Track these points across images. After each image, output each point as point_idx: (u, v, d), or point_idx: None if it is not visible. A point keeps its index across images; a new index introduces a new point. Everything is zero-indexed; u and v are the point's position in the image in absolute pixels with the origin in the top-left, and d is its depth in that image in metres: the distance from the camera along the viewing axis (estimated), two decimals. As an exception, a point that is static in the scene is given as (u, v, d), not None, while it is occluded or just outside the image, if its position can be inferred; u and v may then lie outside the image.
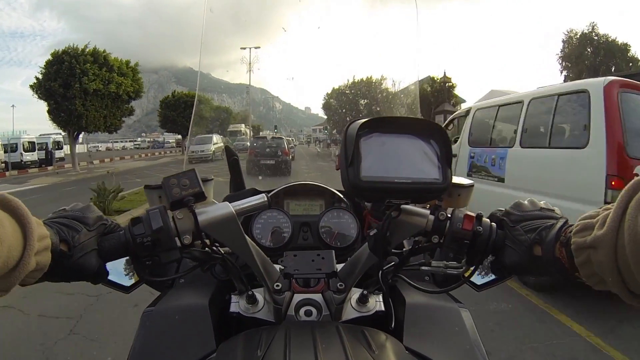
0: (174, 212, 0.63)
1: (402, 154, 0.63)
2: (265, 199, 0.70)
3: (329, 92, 26.88)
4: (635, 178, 0.42)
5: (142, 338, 0.70)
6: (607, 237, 0.42)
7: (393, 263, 0.72)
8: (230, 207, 0.66)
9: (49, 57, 18.13)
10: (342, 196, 1.14)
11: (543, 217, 0.60)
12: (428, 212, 0.65)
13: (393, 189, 0.60)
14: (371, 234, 0.69)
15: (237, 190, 1.14)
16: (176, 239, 0.62)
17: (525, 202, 0.64)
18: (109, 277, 0.71)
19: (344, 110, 20.90)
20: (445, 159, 0.63)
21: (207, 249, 0.68)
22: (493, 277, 0.80)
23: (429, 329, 0.71)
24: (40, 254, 0.49)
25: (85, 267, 0.58)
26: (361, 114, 18.29)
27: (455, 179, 0.73)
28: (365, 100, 18.24)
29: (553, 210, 0.62)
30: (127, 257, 0.65)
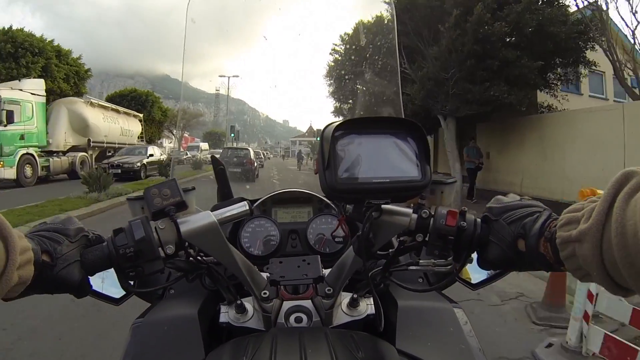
0: (156, 222, 0.63)
1: (380, 153, 0.62)
2: (247, 207, 0.69)
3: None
4: (622, 171, 0.42)
5: (132, 350, 0.69)
6: (593, 231, 0.42)
7: (381, 265, 0.72)
8: (212, 216, 0.66)
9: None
10: (329, 202, 1.13)
11: (524, 206, 0.59)
12: (410, 211, 0.64)
13: (372, 189, 0.60)
14: (335, 240, 0.79)
15: (225, 199, 1.10)
16: (159, 249, 0.62)
17: (505, 196, 0.64)
18: (98, 289, 0.73)
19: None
20: (424, 156, 0.63)
21: (191, 258, 0.68)
22: (487, 275, 0.80)
23: (422, 330, 0.70)
24: (23, 267, 0.49)
25: (69, 279, 0.57)
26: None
27: (437, 176, 0.75)
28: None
29: (536, 201, 0.61)
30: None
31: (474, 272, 0.82)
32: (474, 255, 0.64)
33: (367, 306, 0.79)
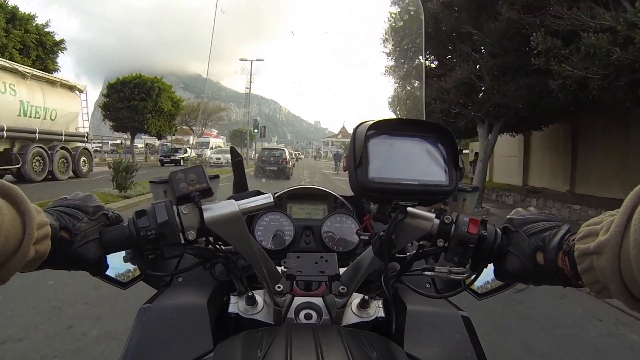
0: (180, 207, 0.63)
1: (410, 155, 0.63)
2: (272, 199, 0.69)
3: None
4: None
5: (138, 335, 0.68)
6: (611, 243, 0.42)
7: (396, 268, 0.73)
8: (236, 205, 0.66)
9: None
10: (345, 201, 1.14)
11: (545, 220, 0.60)
12: (433, 215, 0.65)
13: (400, 191, 0.60)
14: (361, 237, 0.72)
15: (241, 191, 1.09)
16: (180, 234, 0.62)
17: (525, 209, 0.65)
18: (106, 272, 0.73)
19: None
20: (452, 162, 0.63)
21: (210, 246, 0.68)
22: (494, 286, 0.82)
23: (430, 335, 0.71)
24: (40, 242, 0.49)
25: (86, 256, 0.58)
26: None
27: (461, 184, 0.73)
28: None
29: (554, 215, 0.62)
30: (125, 253, 0.64)
31: (480, 282, 0.82)
32: (491, 266, 0.64)
33: (376, 308, 0.77)
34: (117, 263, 0.71)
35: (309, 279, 0.75)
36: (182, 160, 18.57)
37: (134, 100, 26.17)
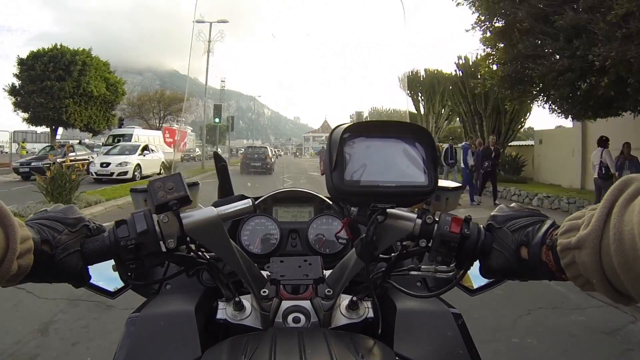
0: (159, 216, 0.63)
1: (387, 157, 0.62)
2: (251, 203, 0.68)
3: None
4: (621, 178, 0.43)
5: (127, 344, 0.68)
6: (591, 237, 0.42)
7: (382, 268, 0.73)
8: (215, 212, 0.66)
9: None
10: (331, 203, 1.14)
11: (528, 215, 0.60)
12: (415, 216, 0.65)
13: (377, 193, 0.60)
14: (339, 241, 0.84)
15: (226, 196, 1.11)
16: (161, 243, 0.62)
17: (509, 205, 0.65)
18: (95, 282, 0.76)
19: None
20: (431, 162, 0.63)
21: (192, 253, 0.68)
22: (486, 281, 0.81)
23: (420, 334, 0.70)
24: (23, 256, 0.49)
25: (67, 268, 0.57)
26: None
27: (443, 183, 0.77)
28: None
29: (538, 211, 0.61)
30: (113, 263, 0.63)
31: (473, 278, 0.83)
32: (476, 263, 0.64)
33: (366, 309, 0.77)
34: (106, 272, 0.70)
35: (293, 282, 0.74)
36: (50, 168, 8.55)
37: (48, 80, 18.83)
